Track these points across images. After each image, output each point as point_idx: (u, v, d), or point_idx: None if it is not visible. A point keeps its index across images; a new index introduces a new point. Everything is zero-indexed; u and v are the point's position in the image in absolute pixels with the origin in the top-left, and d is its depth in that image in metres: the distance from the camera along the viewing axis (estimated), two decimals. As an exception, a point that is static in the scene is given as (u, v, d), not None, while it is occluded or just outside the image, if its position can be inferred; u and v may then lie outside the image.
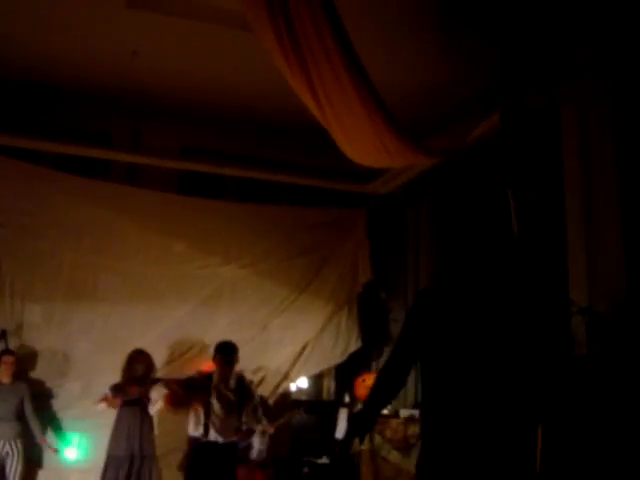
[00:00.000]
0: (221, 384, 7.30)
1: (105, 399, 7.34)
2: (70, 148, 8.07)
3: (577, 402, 5.48)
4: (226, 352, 7.35)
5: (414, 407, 7.78)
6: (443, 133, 7.32)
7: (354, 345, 9.15)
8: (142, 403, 7.46)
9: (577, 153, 6.40)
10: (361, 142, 6.07)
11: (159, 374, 7.79)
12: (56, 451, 7.57)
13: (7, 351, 7.56)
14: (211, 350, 7.64)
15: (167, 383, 7.50)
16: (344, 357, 9.09)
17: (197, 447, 7.10)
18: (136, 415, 7.39)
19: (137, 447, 7.28)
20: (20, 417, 7.41)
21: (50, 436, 7.66)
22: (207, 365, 7.83)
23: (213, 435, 7.08)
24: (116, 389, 7.42)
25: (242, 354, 8.21)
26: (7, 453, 7.24)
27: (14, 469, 7.25)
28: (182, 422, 7.38)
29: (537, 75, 6.64)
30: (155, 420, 7.54)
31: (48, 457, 7.64)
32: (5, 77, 7.65)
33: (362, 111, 5.43)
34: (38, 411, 7.52)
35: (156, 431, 7.53)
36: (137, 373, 7.52)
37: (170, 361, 8.27)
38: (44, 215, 7.97)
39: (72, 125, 8.20)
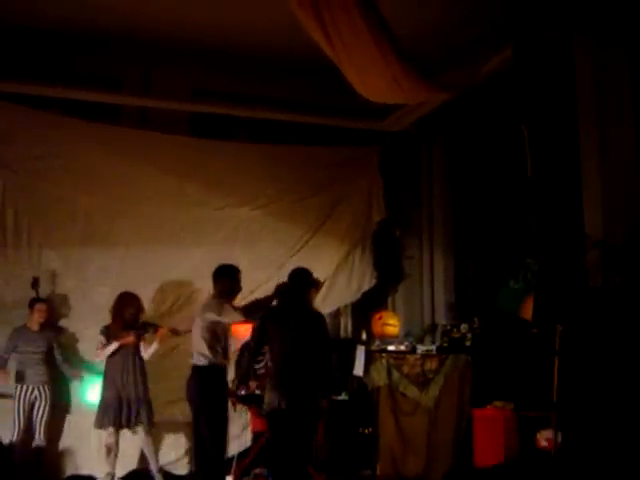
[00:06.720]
0: None
1: (102, 346, 7.44)
2: (81, 94, 7.99)
3: (593, 332, 5.54)
4: None
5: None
6: (456, 68, 7.23)
7: (368, 283, 9.20)
8: (135, 347, 7.55)
9: (592, 85, 6.33)
10: (374, 79, 6.03)
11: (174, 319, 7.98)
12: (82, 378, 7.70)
13: (39, 299, 7.64)
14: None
15: (161, 332, 7.64)
16: (359, 295, 9.15)
17: None
18: (129, 359, 7.48)
19: (132, 391, 7.38)
20: (49, 363, 7.55)
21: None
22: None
23: None
24: (107, 333, 7.49)
25: (259, 295, 8.27)
26: (35, 397, 7.41)
27: (41, 413, 7.42)
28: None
29: (551, 7, 6.53)
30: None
31: (74, 401, 7.80)
32: (15, 23, 7.56)
33: (375, 47, 5.38)
34: (65, 355, 7.69)
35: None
36: (127, 316, 7.57)
37: (183, 304, 8.31)
38: (57, 161, 7.96)
39: (83, 71, 8.13)
